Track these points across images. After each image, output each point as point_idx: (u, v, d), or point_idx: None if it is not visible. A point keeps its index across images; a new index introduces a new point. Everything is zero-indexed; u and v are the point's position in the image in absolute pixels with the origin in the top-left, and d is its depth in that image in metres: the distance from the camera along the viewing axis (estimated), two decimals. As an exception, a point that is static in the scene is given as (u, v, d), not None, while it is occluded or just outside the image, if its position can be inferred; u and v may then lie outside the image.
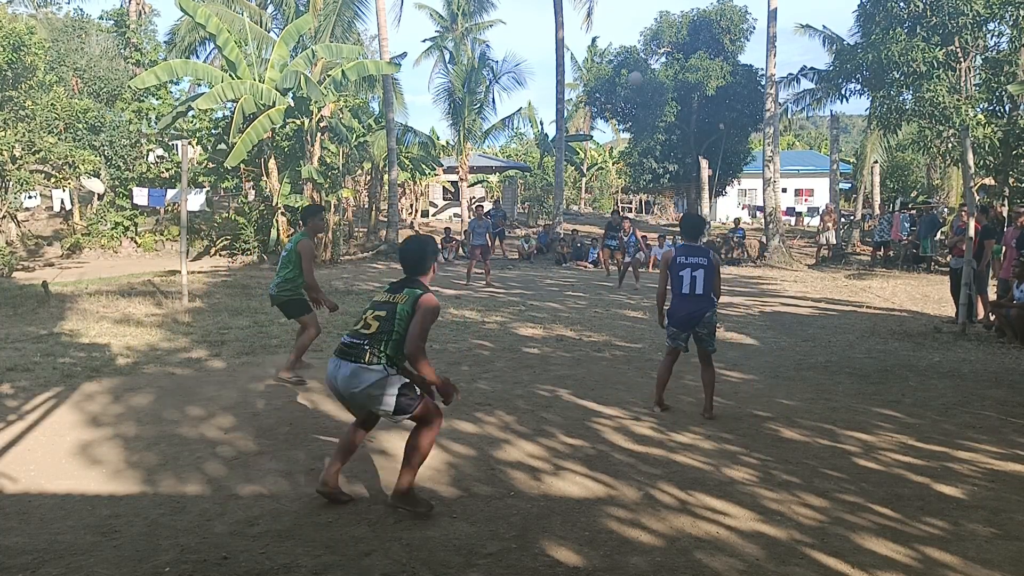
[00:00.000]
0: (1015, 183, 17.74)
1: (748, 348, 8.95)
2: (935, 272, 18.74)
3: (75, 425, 5.61)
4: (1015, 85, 16.69)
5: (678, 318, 5.95)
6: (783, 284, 16.83)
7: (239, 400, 6.31)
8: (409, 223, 30.37)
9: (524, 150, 51.55)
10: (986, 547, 3.66)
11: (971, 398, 6.60)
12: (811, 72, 23.79)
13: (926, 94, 18.07)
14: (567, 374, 7.42)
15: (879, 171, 29.89)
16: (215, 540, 3.68)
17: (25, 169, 18.67)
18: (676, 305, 5.97)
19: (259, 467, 4.73)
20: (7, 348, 8.28)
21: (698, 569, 3.44)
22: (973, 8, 18.05)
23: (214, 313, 11.05)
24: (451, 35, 34.06)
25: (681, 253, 6.00)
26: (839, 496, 4.29)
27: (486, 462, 4.85)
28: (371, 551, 3.58)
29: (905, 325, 10.67)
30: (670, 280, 6.01)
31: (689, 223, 6.46)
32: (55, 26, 29.12)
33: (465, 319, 10.90)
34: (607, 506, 4.15)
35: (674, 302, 5.98)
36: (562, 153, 26.83)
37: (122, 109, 23.47)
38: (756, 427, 5.66)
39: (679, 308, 5.95)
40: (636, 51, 30.35)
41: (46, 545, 3.63)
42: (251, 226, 21.72)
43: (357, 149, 26.10)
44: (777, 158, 22.94)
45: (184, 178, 12.73)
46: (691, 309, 5.89)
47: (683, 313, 5.91)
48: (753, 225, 32.58)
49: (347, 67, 20.37)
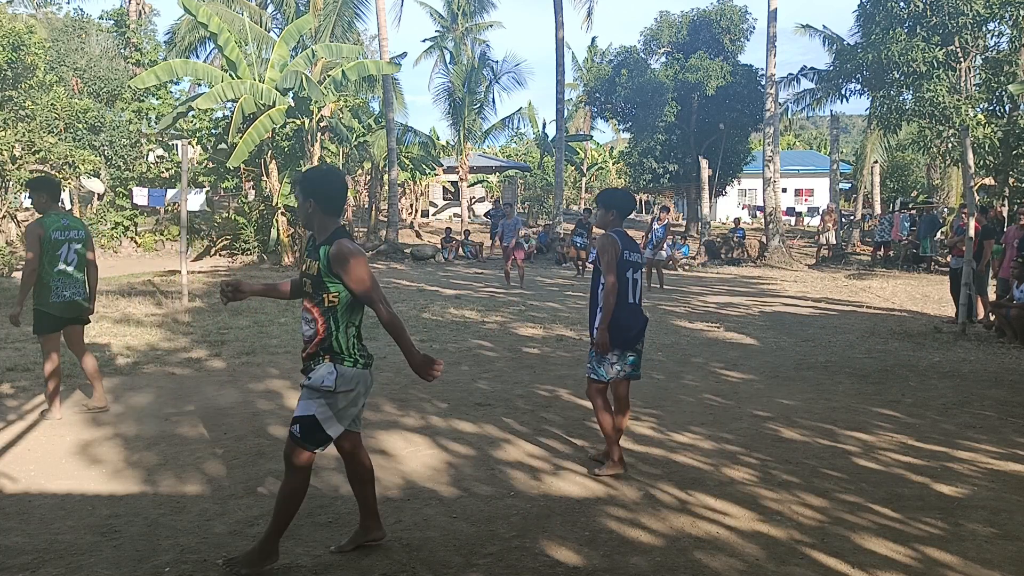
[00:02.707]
0: (1015, 183, 17.76)
1: (748, 348, 8.95)
2: (935, 272, 18.75)
3: (75, 425, 5.60)
4: (1015, 85, 16.70)
5: (626, 337, 4.61)
6: (783, 284, 16.83)
7: (239, 400, 6.31)
8: (409, 223, 30.36)
9: (524, 150, 51.56)
10: (986, 547, 3.66)
11: (971, 398, 6.60)
12: (811, 72, 23.80)
13: (926, 94, 18.08)
14: (567, 374, 7.41)
15: (879, 171, 29.89)
16: (215, 540, 3.68)
17: (25, 169, 18.63)
18: (623, 318, 4.58)
19: (259, 467, 4.73)
20: (7, 348, 8.28)
21: (698, 569, 3.44)
22: (973, 8, 18.06)
23: (214, 313, 11.05)
24: (451, 35, 34.06)
25: (625, 245, 4.66)
26: (839, 496, 4.29)
27: (486, 462, 4.85)
28: (371, 551, 3.58)
29: (905, 325, 10.67)
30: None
31: (624, 198, 4.96)
32: (55, 26, 29.07)
33: (465, 319, 10.90)
34: (607, 506, 4.15)
35: (618, 314, 4.55)
36: (562, 153, 26.83)
37: (122, 109, 23.47)
38: (756, 427, 5.66)
39: (628, 322, 4.61)
40: (636, 51, 30.33)
41: (46, 545, 3.63)
42: (251, 226, 21.72)
43: (357, 149, 26.13)
44: (777, 158, 22.95)
45: (184, 178, 12.73)
46: (641, 323, 4.71)
47: (636, 329, 4.66)
48: (753, 225, 32.60)
49: (347, 67, 20.37)
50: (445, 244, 23.52)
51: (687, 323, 10.76)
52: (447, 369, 7.56)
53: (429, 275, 18.09)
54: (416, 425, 5.65)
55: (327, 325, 3.33)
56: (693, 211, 29.60)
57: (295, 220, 20.57)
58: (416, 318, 10.94)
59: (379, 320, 3.30)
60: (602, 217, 4.77)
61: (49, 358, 5.65)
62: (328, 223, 3.38)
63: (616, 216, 4.73)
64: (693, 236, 26.92)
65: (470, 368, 7.65)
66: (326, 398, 3.29)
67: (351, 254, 3.26)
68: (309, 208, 3.38)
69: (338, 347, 3.33)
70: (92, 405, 5.88)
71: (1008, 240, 10.61)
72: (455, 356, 8.25)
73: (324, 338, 3.32)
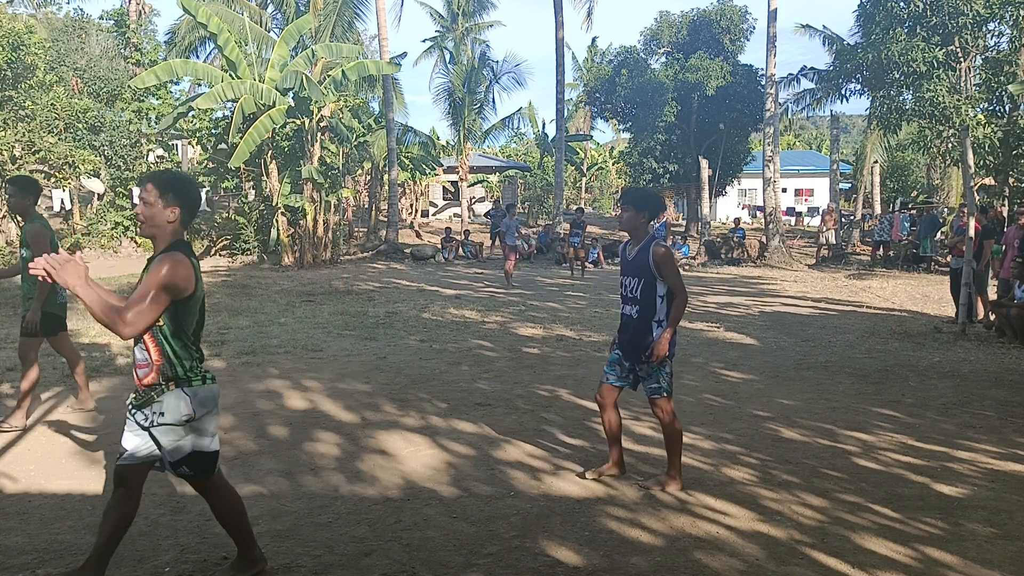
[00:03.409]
0: (1015, 183, 17.75)
1: (748, 348, 8.95)
2: (935, 272, 18.74)
3: (75, 425, 5.61)
4: (1015, 85, 16.69)
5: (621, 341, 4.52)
6: (783, 284, 16.83)
7: (239, 400, 6.31)
8: (409, 223, 30.37)
9: (524, 150, 51.55)
10: (986, 547, 3.66)
11: (971, 398, 6.60)
12: (811, 72, 23.79)
13: (926, 94, 18.08)
14: (567, 374, 7.42)
15: (879, 171, 29.89)
16: (215, 540, 3.68)
17: (25, 169, 18.65)
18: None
19: (259, 467, 4.73)
20: (7, 348, 8.28)
21: (698, 569, 3.44)
22: (973, 8, 18.05)
23: (214, 313, 11.04)
24: (451, 35, 34.06)
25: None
26: (839, 496, 4.29)
27: (486, 462, 4.85)
28: (371, 551, 3.58)
29: (905, 325, 10.67)
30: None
31: (657, 200, 4.63)
32: (55, 26, 29.07)
33: (465, 319, 10.90)
34: (607, 506, 4.15)
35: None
36: (562, 153, 26.82)
37: (122, 109, 23.46)
38: (756, 427, 5.66)
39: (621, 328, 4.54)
40: (636, 51, 30.32)
41: (46, 545, 3.63)
42: (251, 226, 21.72)
43: (357, 149, 26.10)
44: (777, 158, 22.94)
45: (184, 178, 12.70)
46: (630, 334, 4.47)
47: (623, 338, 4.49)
48: (753, 225, 32.58)
49: (347, 67, 20.37)
50: (445, 244, 23.51)
51: (687, 323, 10.76)
52: (447, 369, 7.57)
53: (429, 275, 18.09)
54: (416, 425, 5.65)
55: (160, 348, 3.01)
56: (693, 211, 29.58)
57: (295, 220, 20.58)
58: (416, 318, 10.94)
59: None
60: (632, 220, 4.42)
61: (35, 364, 5.61)
62: (179, 233, 3.11)
63: (646, 219, 4.45)
64: (693, 236, 26.91)
65: (470, 368, 7.65)
66: (189, 427, 3.05)
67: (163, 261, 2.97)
68: (172, 217, 3.06)
69: (180, 370, 3.04)
70: (86, 407, 5.87)
71: (1008, 240, 10.61)
72: (455, 356, 8.25)
73: (162, 364, 3.01)
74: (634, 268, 4.40)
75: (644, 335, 4.32)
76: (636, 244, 4.46)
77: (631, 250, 4.47)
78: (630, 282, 4.43)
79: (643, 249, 4.38)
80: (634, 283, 4.40)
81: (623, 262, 4.55)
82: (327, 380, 7.06)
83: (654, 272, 4.31)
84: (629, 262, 4.46)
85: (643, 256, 4.35)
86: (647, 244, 4.39)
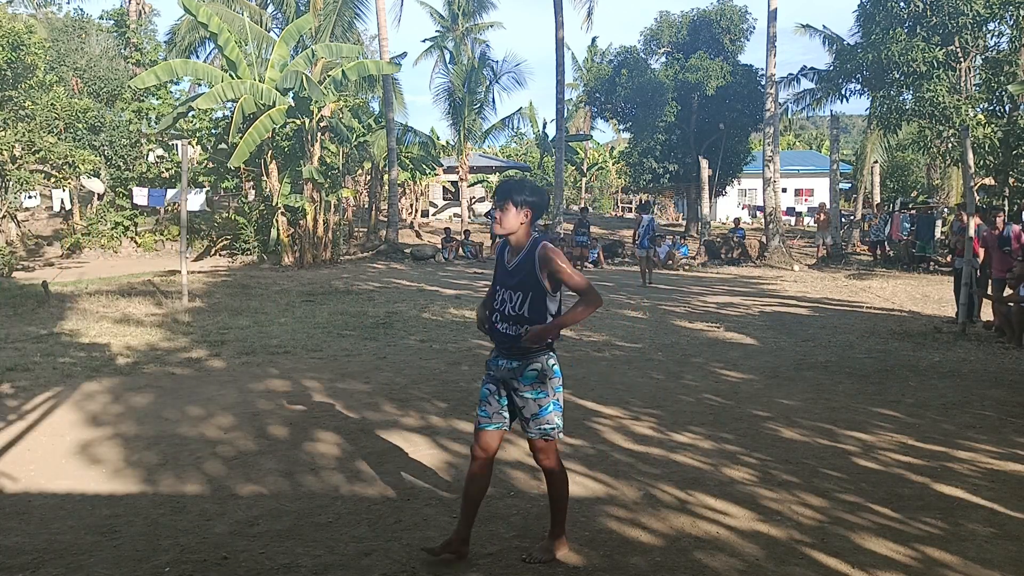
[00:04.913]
0: (1015, 183, 17.74)
1: (748, 348, 8.95)
2: (935, 272, 18.74)
3: (75, 425, 5.61)
4: (1015, 85, 16.68)
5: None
6: (783, 284, 16.82)
7: (239, 400, 6.31)
8: (409, 223, 30.37)
9: (524, 150, 51.56)
10: (986, 547, 3.66)
11: (971, 398, 6.60)
12: (811, 72, 23.79)
13: (926, 94, 18.08)
14: (567, 374, 7.36)
15: (879, 171, 29.89)
16: (215, 540, 3.68)
17: (25, 169, 18.66)
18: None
19: (259, 467, 4.74)
20: (7, 348, 8.28)
21: (698, 569, 3.44)
22: (973, 8, 18.06)
23: (214, 313, 11.05)
24: (451, 35, 34.07)
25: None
26: (839, 496, 4.29)
27: (486, 462, 4.85)
28: (371, 551, 3.58)
29: (905, 325, 10.66)
30: None
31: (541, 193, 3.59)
32: (55, 26, 29.08)
33: (465, 319, 10.89)
34: (607, 506, 4.15)
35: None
36: (562, 153, 26.81)
37: (122, 109, 23.48)
38: (756, 427, 5.65)
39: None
40: (636, 51, 30.32)
41: (46, 545, 3.63)
42: (251, 226, 21.73)
43: (357, 149, 26.11)
44: (777, 158, 22.94)
45: (184, 178, 12.73)
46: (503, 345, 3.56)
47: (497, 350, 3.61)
48: (753, 225, 32.59)
49: (347, 67, 20.37)
50: (445, 244, 23.51)
51: (687, 323, 10.76)
52: (447, 369, 7.57)
53: (429, 275, 18.08)
54: (416, 425, 5.65)
55: None
56: (693, 211, 29.59)
57: (295, 220, 20.59)
58: (416, 318, 10.94)
59: None
60: (512, 219, 3.46)
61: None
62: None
63: (528, 219, 3.47)
64: (693, 236, 26.91)
65: (470, 368, 7.64)
66: None
67: None
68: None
69: None
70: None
71: (988, 242, 10.63)
72: (455, 356, 8.24)
73: None
74: (515, 280, 3.42)
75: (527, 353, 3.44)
76: (516, 251, 3.46)
77: (510, 258, 3.48)
78: (511, 297, 3.43)
79: (527, 256, 3.40)
80: (517, 299, 3.41)
81: (499, 271, 3.53)
82: (327, 380, 7.06)
83: (543, 283, 3.37)
84: (508, 272, 3.45)
85: (527, 264, 3.39)
86: (531, 249, 3.41)
